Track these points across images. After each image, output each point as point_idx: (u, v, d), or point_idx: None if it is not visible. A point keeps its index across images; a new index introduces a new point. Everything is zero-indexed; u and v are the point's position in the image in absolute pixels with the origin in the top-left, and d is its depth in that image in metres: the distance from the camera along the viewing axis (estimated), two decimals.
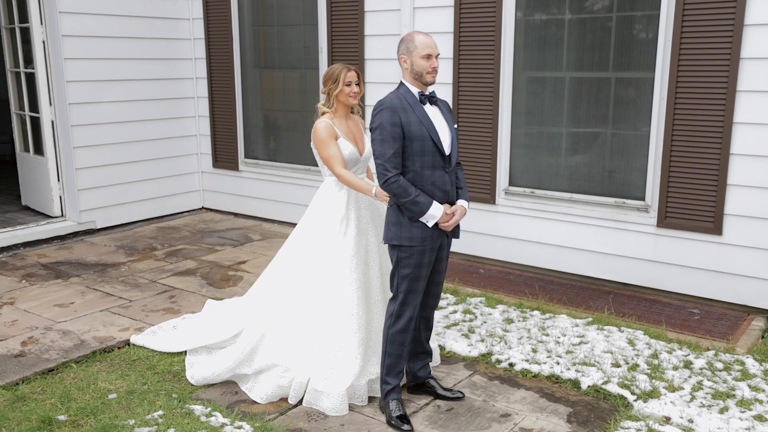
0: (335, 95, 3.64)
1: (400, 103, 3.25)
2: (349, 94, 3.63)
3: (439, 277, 3.51)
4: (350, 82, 3.62)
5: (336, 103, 3.67)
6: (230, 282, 5.45)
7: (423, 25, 5.78)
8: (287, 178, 7.05)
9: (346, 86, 3.61)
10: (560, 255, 5.46)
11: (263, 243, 6.58)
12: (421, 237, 3.28)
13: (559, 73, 5.31)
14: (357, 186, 3.55)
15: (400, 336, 3.42)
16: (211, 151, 7.62)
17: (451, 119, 3.41)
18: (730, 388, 3.71)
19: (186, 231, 7.02)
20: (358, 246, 3.72)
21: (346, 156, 3.70)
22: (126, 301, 5.01)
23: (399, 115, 3.20)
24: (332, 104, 3.67)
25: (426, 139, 3.22)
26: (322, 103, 3.72)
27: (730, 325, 4.60)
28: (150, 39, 7.09)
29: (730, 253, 4.73)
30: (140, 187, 7.26)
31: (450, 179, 3.35)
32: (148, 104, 7.20)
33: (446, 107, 3.44)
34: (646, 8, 4.87)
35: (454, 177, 3.39)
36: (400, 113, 3.21)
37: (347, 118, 3.76)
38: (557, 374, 3.88)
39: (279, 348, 3.73)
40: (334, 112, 3.70)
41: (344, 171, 3.60)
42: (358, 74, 3.67)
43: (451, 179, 3.35)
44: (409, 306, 3.39)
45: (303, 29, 6.72)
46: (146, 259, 6.05)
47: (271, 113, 7.26)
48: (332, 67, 3.68)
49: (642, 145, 5.01)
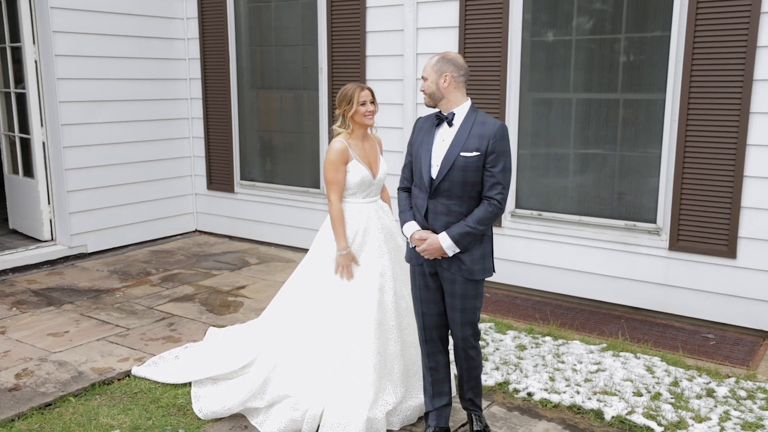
0: (350, 116, 3.53)
1: (425, 122, 3.29)
2: (364, 114, 3.52)
3: (453, 315, 3.27)
4: (365, 101, 3.52)
5: (352, 123, 3.56)
6: (230, 308, 5.27)
7: (427, 46, 5.71)
8: (285, 200, 6.90)
9: (360, 106, 3.51)
10: (569, 279, 5.36)
11: (261, 267, 6.41)
12: (409, 257, 3.35)
13: (567, 94, 5.24)
14: (334, 224, 3.58)
15: (422, 360, 3.45)
16: (206, 173, 7.46)
17: (466, 145, 3.06)
18: (758, 418, 3.60)
19: (180, 255, 6.83)
20: (372, 271, 3.59)
21: (358, 180, 3.59)
22: (123, 330, 4.81)
23: (416, 134, 3.30)
24: (348, 125, 3.56)
25: (418, 160, 3.22)
26: (338, 124, 3.61)
27: (747, 350, 4.51)
28: (145, 59, 6.95)
29: (745, 277, 4.66)
30: (133, 210, 7.07)
31: (433, 206, 3.16)
32: (141, 125, 7.04)
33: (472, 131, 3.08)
34: (656, 29, 4.83)
35: (440, 206, 3.14)
36: (418, 132, 3.30)
37: (364, 139, 3.64)
38: (579, 404, 3.75)
39: (292, 379, 3.58)
40: (351, 133, 3.58)
41: (337, 201, 3.57)
42: (372, 93, 3.57)
43: (434, 206, 3.16)
44: (418, 330, 3.43)
45: (302, 49, 6.62)
46: (141, 285, 5.85)
47: (268, 134, 7.12)
48: (345, 88, 3.57)
49: (653, 167, 4.94)
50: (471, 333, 3.26)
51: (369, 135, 3.71)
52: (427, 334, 3.37)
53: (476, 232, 3.09)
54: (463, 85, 3.16)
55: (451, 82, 3.12)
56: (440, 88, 3.14)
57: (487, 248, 3.20)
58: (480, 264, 3.15)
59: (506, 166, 3.09)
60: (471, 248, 3.13)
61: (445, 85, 3.12)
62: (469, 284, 3.17)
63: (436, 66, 3.14)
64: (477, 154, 3.06)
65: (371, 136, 3.73)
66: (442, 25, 5.61)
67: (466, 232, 3.09)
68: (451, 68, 3.12)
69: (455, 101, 3.15)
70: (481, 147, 3.05)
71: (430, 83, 3.16)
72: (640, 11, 4.88)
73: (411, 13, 5.72)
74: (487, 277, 3.19)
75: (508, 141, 3.10)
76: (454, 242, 3.10)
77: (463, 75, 3.15)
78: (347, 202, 3.65)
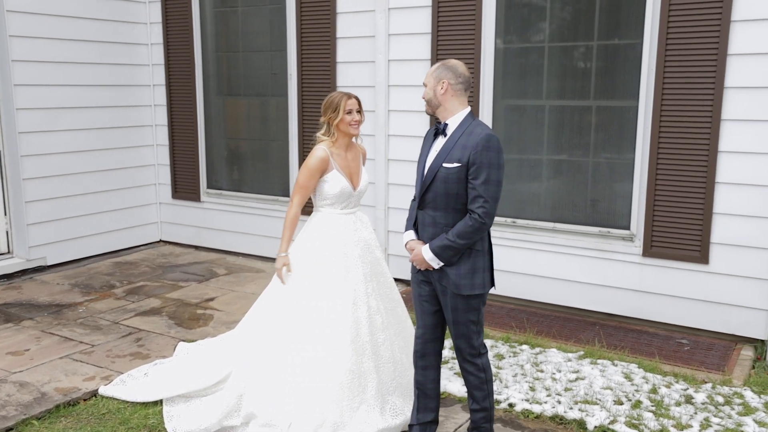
0: (335, 124, 3.44)
1: (430, 131, 3.22)
2: (350, 122, 3.43)
3: (449, 326, 3.22)
4: (351, 110, 3.43)
5: (337, 132, 3.47)
6: (200, 321, 5.11)
7: (399, 53, 5.65)
8: (253, 209, 6.76)
9: (346, 114, 3.42)
10: (543, 286, 5.34)
11: (230, 278, 6.25)
12: (411, 264, 3.27)
13: (540, 101, 5.24)
14: (285, 226, 3.55)
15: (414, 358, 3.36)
16: (171, 182, 7.26)
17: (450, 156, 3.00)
18: (737, 424, 3.61)
19: (145, 266, 6.62)
20: (347, 286, 3.50)
21: (337, 191, 3.50)
22: (88, 346, 4.61)
23: (422, 143, 3.26)
24: (333, 134, 3.47)
25: (416, 170, 3.22)
26: (322, 132, 3.52)
27: (721, 355, 4.55)
28: (106, 64, 6.74)
29: (717, 282, 4.70)
30: (94, 220, 6.83)
31: (421, 217, 3.14)
32: (103, 133, 6.81)
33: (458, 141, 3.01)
34: (629, 37, 4.85)
35: (427, 217, 3.10)
36: (423, 142, 3.26)
37: (347, 149, 3.55)
38: (561, 414, 3.71)
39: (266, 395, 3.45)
40: (334, 142, 3.49)
41: (297, 206, 3.53)
42: (359, 102, 3.48)
43: (422, 217, 3.13)
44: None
45: (270, 55, 6.50)
46: (105, 298, 5.64)
47: (235, 142, 6.97)
48: (331, 95, 3.48)
49: (626, 174, 4.96)
50: (465, 347, 3.17)
51: (354, 144, 3.62)
52: (417, 344, 3.30)
53: (456, 246, 3.00)
54: (462, 93, 3.08)
55: (448, 90, 3.04)
56: (437, 95, 3.07)
57: (478, 263, 3.06)
58: (467, 279, 3.05)
59: (489, 178, 2.93)
60: (456, 262, 3.05)
61: (442, 92, 3.05)
62: (458, 298, 3.08)
63: (435, 73, 3.08)
64: (458, 165, 2.97)
65: (356, 145, 3.65)
66: (414, 32, 5.56)
67: (445, 245, 3.02)
68: (450, 75, 3.04)
69: (452, 109, 3.08)
70: (462, 158, 2.96)
71: (428, 90, 3.10)
72: (612, 18, 4.91)
73: (382, 19, 5.65)
74: (476, 292, 3.06)
75: (494, 152, 2.94)
76: (435, 255, 3.04)
77: (462, 83, 3.06)
78: (324, 212, 3.56)
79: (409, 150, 5.74)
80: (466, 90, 3.10)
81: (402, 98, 5.71)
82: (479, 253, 3.07)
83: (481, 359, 3.19)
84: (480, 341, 3.18)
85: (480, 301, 3.11)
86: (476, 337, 3.15)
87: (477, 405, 3.25)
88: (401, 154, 5.79)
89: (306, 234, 3.60)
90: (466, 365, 3.21)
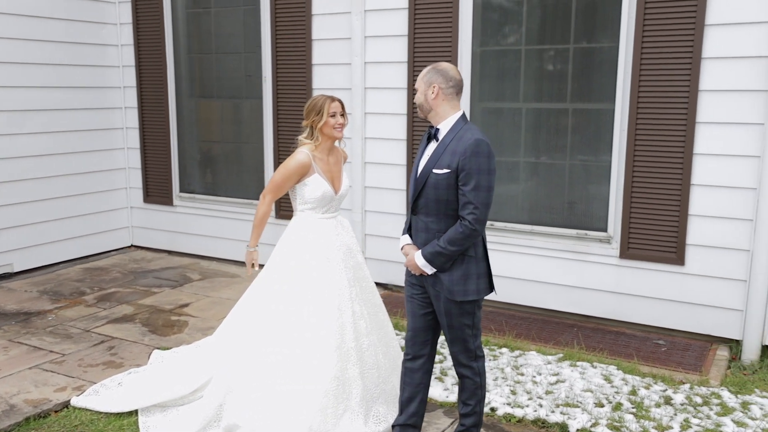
0: (319, 128, 3.38)
1: (425, 135, 3.16)
2: (333, 126, 3.39)
3: (443, 330, 3.18)
4: (335, 113, 3.38)
5: (320, 136, 3.41)
6: (175, 328, 5.01)
7: (375, 55, 5.62)
8: (227, 213, 6.66)
9: (330, 117, 3.37)
10: (522, 288, 5.34)
11: (204, 283, 6.14)
12: None
13: (517, 104, 5.24)
14: (255, 223, 3.55)
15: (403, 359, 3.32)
16: (142, 185, 7.12)
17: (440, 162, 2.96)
18: (716, 425, 3.64)
19: (116, 272, 6.48)
20: (331, 292, 3.45)
21: (319, 195, 3.45)
22: (58, 356, 4.48)
23: (420, 146, 3.21)
24: (317, 137, 3.41)
25: (411, 175, 3.18)
26: (304, 136, 3.46)
27: (697, 355, 4.59)
28: (75, 66, 6.58)
29: (693, 283, 4.75)
30: (63, 226, 6.67)
31: (414, 222, 3.12)
32: (72, 135, 6.65)
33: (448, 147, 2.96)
34: (605, 40, 4.88)
35: (420, 222, 3.08)
36: (420, 147, 3.20)
37: (330, 152, 3.50)
38: (543, 418, 3.70)
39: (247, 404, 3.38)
40: (317, 146, 3.43)
41: (268, 203, 3.50)
42: (342, 105, 3.43)
43: (415, 222, 3.11)
44: None
45: (244, 57, 6.41)
46: (75, 306, 5.50)
47: (209, 145, 6.86)
48: (314, 98, 3.43)
49: (603, 177, 4.99)
50: (460, 351, 3.14)
51: (335, 148, 3.58)
52: (407, 346, 3.28)
53: (447, 253, 2.97)
54: (453, 97, 3.04)
55: (439, 94, 3.01)
56: (428, 99, 3.04)
57: (471, 269, 3.02)
58: (460, 285, 3.01)
59: (479, 184, 2.89)
60: (449, 268, 3.01)
61: (432, 96, 3.02)
62: (452, 304, 3.05)
63: (425, 77, 3.04)
64: (447, 171, 2.93)
65: (337, 149, 3.60)
66: (391, 34, 5.52)
67: (436, 251, 3.00)
68: (440, 79, 3.01)
69: (443, 114, 3.04)
70: (452, 164, 2.93)
71: (419, 94, 3.06)
72: (588, 22, 4.93)
73: (359, 21, 5.61)
74: (469, 299, 3.03)
75: (483, 157, 2.89)
76: (427, 261, 3.02)
77: (453, 87, 3.02)
78: (306, 217, 3.50)
79: (386, 153, 5.71)
80: (458, 93, 3.06)
81: (379, 101, 5.68)
82: (472, 259, 3.03)
83: (478, 363, 3.18)
84: (477, 344, 3.16)
85: (474, 306, 3.09)
86: (473, 340, 3.14)
87: (468, 410, 3.23)
88: (378, 157, 5.75)
89: (287, 238, 3.54)
90: (462, 369, 3.18)
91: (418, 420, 3.34)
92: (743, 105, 4.43)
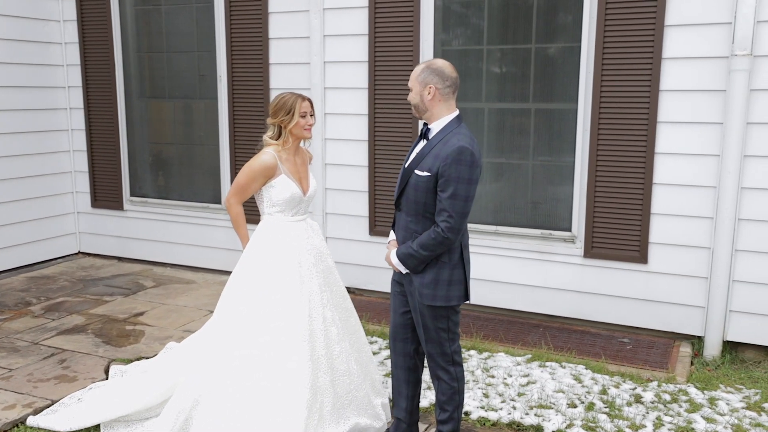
0: (289, 128, 3.25)
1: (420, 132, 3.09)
2: (304, 126, 3.27)
3: (418, 330, 3.11)
4: (305, 113, 3.26)
5: (290, 136, 3.28)
6: (130, 338, 4.78)
7: (335, 54, 5.50)
8: (182, 217, 6.43)
9: (301, 118, 3.24)
10: (486, 289, 5.31)
11: (159, 290, 5.91)
12: None
13: (479, 104, 5.21)
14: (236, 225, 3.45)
15: None
16: (90, 189, 6.81)
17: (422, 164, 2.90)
18: (687, 422, 3.66)
19: (64, 280, 6.17)
20: (302, 297, 3.32)
21: (287, 197, 3.32)
22: (5, 371, 4.21)
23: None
24: (287, 137, 3.28)
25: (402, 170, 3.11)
26: (270, 135, 3.31)
27: (662, 353, 4.64)
28: (16, 64, 6.25)
29: (656, 281, 4.80)
30: (5, 232, 6.32)
31: (398, 219, 3.10)
32: (13, 138, 6.31)
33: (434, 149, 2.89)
34: (566, 40, 4.90)
35: (402, 220, 3.04)
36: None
37: (296, 153, 3.38)
38: (517, 420, 3.66)
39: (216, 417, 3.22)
40: (283, 146, 3.30)
41: (237, 204, 3.38)
42: (311, 104, 3.31)
43: (398, 219, 3.09)
44: None
45: (197, 56, 6.20)
46: (21, 317, 5.20)
47: (161, 147, 6.62)
48: (282, 97, 3.28)
49: (567, 177, 5.00)
50: (436, 352, 3.08)
51: (301, 148, 3.45)
52: (390, 342, 3.27)
53: (419, 256, 2.92)
54: (450, 96, 2.96)
55: (436, 95, 2.92)
56: (424, 100, 2.95)
57: (442, 275, 2.94)
58: (429, 289, 2.95)
59: (456, 193, 2.81)
60: (421, 271, 2.96)
61: (429, 97, 2.93)
62: (424, 306, 3.00)
63: (420, 76, 2.94)
64: (428, 174, 2.87)
65: (303, 149, 3.47)
66: (350, 33, 5.42)
67: (409, 253, 2.96)
68: (436, 79, 2.91)
69: (438, 114, 2.96)
70: (432, 168, 2.86)
71: (414, 95, 2.97)
72: (550, 22, 4.94)
73: (317, 19, 5.49)
74: (437, 304, 2.97)
75: (465, 166, 2.81)
76: (400, 261, 2.99)
77: (450, 86, 2.94)
78: (274, 220, 3.36)
79: (347, 154, 5.60)
80: (455, 93, 2.98)
81: (339, 101, 5.56)
82: (445, 265, 2.96)
83: (455, 368, 3.11)
84: (453, 348, 3.09)
85: (448, 311, 3.01)
86: (449, 344, 3.07)
87: (445, 416, 3.15)
88: (338, 158, 5.64)
89: (256, 243, 3.38)
90: (438, 371, 3.11)
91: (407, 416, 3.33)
92: (702, 105, 4.50)
